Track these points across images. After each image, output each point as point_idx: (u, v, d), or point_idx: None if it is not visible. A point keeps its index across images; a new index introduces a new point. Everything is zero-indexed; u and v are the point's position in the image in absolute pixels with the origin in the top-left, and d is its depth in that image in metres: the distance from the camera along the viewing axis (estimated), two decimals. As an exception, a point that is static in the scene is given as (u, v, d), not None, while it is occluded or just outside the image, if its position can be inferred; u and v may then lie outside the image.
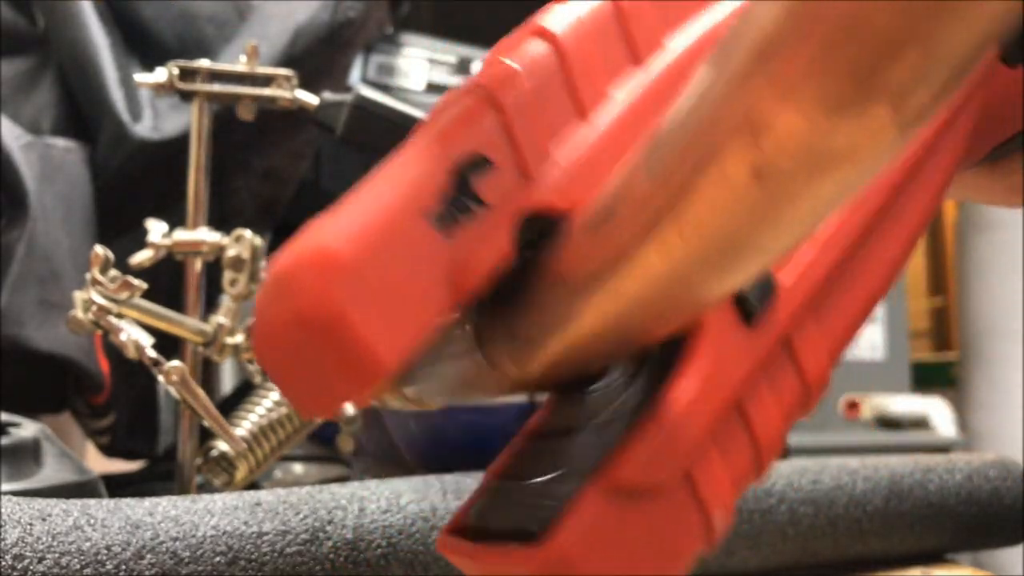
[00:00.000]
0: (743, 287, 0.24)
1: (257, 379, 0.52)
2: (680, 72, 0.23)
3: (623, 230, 0.19)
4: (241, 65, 0.52)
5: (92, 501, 0.35)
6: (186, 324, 0.47)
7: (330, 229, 0.20)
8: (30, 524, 0.32)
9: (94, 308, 0.43)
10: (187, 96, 0.51)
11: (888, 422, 1.53)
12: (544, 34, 0.23)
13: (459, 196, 0.21)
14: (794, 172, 0.16)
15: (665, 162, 0.18)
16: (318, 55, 0.67)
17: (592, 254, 0.20)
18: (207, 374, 0.51)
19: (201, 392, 0.44)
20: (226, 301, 0.49)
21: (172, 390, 0.44)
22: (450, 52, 0.84)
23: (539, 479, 0.24)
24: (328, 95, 0.56)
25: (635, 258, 0.19)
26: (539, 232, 0.22)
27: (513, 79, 0.22)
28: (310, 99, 0.53)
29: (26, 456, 0.44)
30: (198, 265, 0.51)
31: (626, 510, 0.22)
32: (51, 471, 0.44)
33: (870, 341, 1.72)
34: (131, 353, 0.43)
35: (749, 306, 0.24)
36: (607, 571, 0.22)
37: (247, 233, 0.49)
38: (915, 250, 0.28)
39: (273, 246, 0.81)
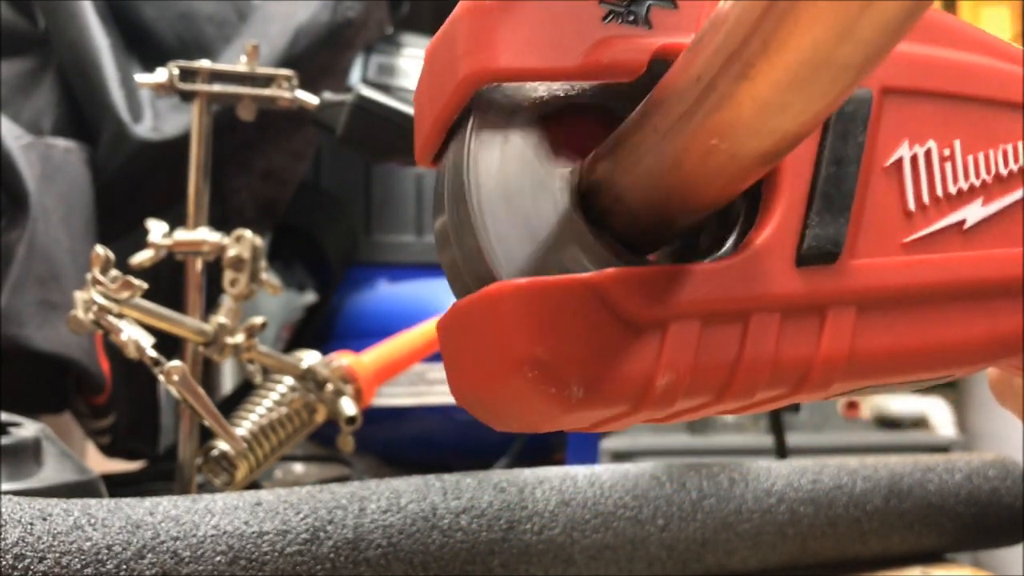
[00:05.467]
0: (816, 236, 0.25)
1: (257, 379, 0.52)
2: None
3: (709, 49, 0.21)
4: (241, 65, 0.52)
5: (92, 501, 0.35)
6: (186, 324, 0.47)
7: None
8: (31, 524, 0.32)
9: (95, 308, 0.43)
10: (187, 96, 0.51)
11: (888, 422, 1.53)
12: None
13: (635, 8, 0.25)
14: None
15: None
16: (318, 55, 0.67)
17: (681, 76, 0.22)
18: (207, 374, 0.51)
19: (201, 392, 0.44)
20: (226, 301, 0.49)
21: (172, 390, 0.44)
22: (450, 52, 0.84)
23: None
24: (328, 95, 0.56)
25: (722, 87, 0.20)
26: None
27: None
28: (310, 99, 0.53)
29: (26, 456, 0.44)
30: (198, 265, 0.51)
31: (600, 316, 0.23)
32: (51, 471, 0.45)
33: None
34: (131, 353, 0.43)
35: (807, 250, 0.25)
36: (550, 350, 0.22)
37: (247, 233, 0.49)
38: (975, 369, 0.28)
39: (273, 246, 0.81)
